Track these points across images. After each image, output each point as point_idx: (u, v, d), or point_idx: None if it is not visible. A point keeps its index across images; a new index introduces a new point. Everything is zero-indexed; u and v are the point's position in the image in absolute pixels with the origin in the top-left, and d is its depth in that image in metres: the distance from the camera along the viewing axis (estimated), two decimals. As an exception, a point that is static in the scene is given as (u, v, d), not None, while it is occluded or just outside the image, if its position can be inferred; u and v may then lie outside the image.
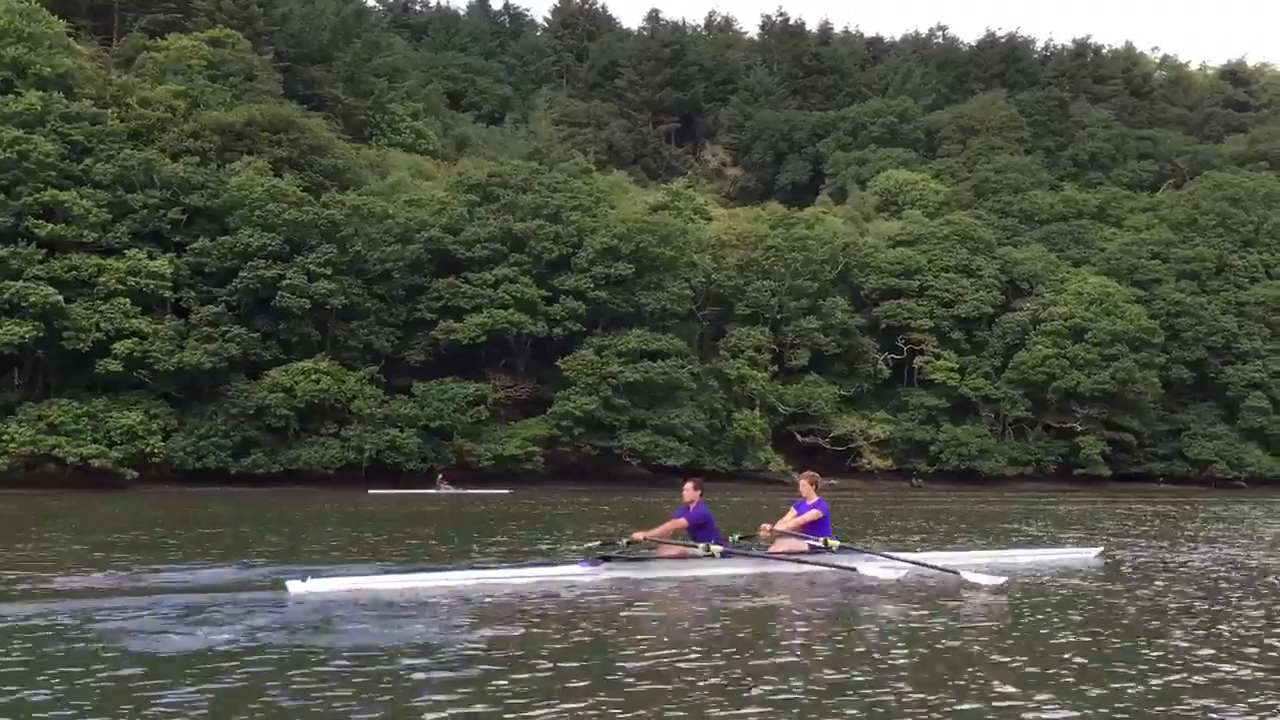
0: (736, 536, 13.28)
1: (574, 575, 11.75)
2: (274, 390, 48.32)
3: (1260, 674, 7.03)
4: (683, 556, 12.42)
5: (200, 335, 47.85)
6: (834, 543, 13.17)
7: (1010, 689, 6.42)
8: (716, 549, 12.37)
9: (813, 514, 13.37)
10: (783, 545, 13.26)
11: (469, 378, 55.73)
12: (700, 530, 12.74)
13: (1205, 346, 70.62)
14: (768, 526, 13.40)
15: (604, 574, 11.79)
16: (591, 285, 56.83)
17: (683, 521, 12.80)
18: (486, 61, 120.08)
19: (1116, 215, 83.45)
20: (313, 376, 48.98)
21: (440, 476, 45.76)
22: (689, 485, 13.10)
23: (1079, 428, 67.37)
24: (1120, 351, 66.11)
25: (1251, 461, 69.01)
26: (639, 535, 12.75)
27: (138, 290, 47.07)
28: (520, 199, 58.95)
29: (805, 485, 13.73)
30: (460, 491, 42.92)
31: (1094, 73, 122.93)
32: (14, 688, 6.15)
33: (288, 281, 48.96)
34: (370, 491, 40.87)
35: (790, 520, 13.49)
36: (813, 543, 13.05)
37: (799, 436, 66.43)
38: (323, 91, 79.91)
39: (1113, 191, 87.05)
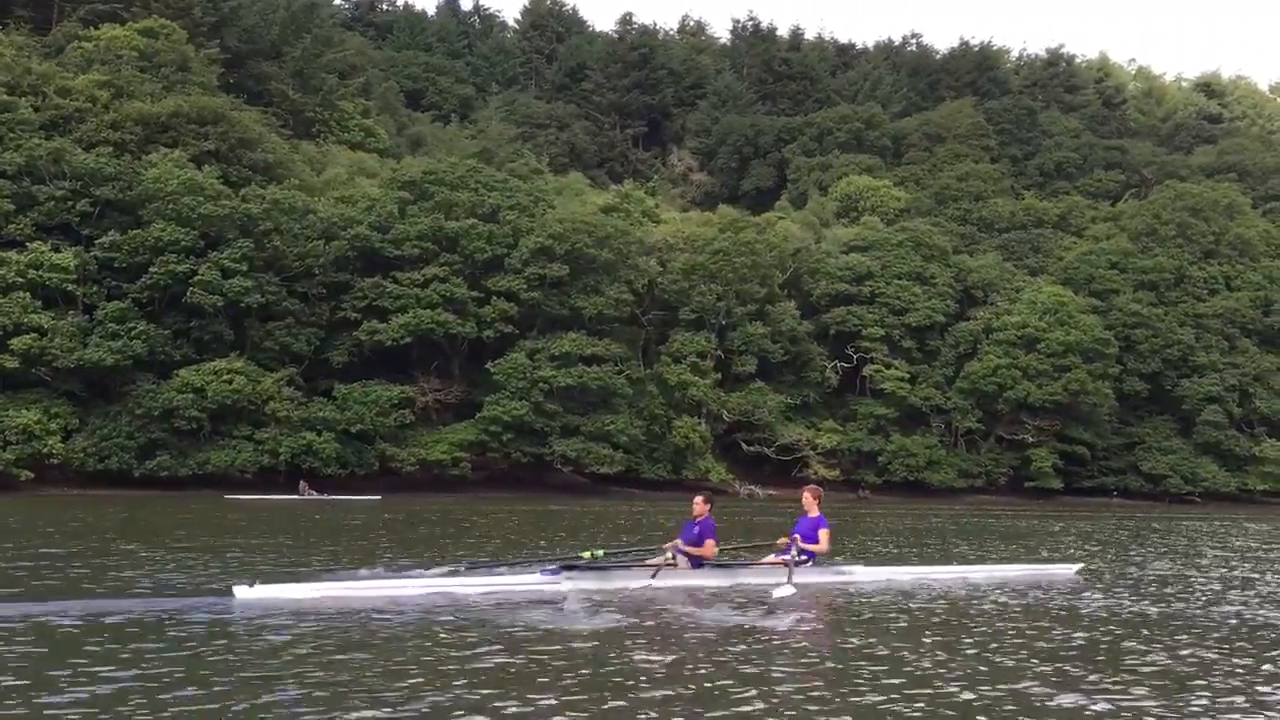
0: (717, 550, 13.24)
1: (533, 585, 11.61)
2: (183, 391, 46.45)
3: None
4: (631, 565, 12.66)
5: (105, 332, 45.97)
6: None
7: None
8: (683, 561, 12.66)
9: (825, 534, 13.38)
10: (768, 556, 13.39)
11: (399, 381, 54.04)
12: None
13: (1161, 359, 69.27)
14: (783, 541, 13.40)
15: (565, 584, 11.67)
16: (525, 287, 55.18)
17: (711, 542, 12.86)
18: (453, 62, 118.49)
19: (1078, 224, 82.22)
20: (225, 377, 47.15)
21: (302, 483, 43.75)
22: (699, 500, 13.08)
23: (1030, 440, 65.92)
24: (1072, 362, 64.68)
25: (1206, 477, 67.61)
26: (675, 546, 12.79)
27: (39, 284, 45.25)
28: (455, 197, 57.27)
29: (808, 498, 13.59)
30: (324, 498, 40.99)
31: (1066, 82, 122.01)
32: None
33: (199, 277, 47.15)
34: (228, 498, 38.91)
35: (798, 543, 13.24)
36: (785, 557, 12.98)
37: (744, 445, 64.85)
38: (272, 87, 78.20)
39: (1074, 201, 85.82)
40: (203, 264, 47.58)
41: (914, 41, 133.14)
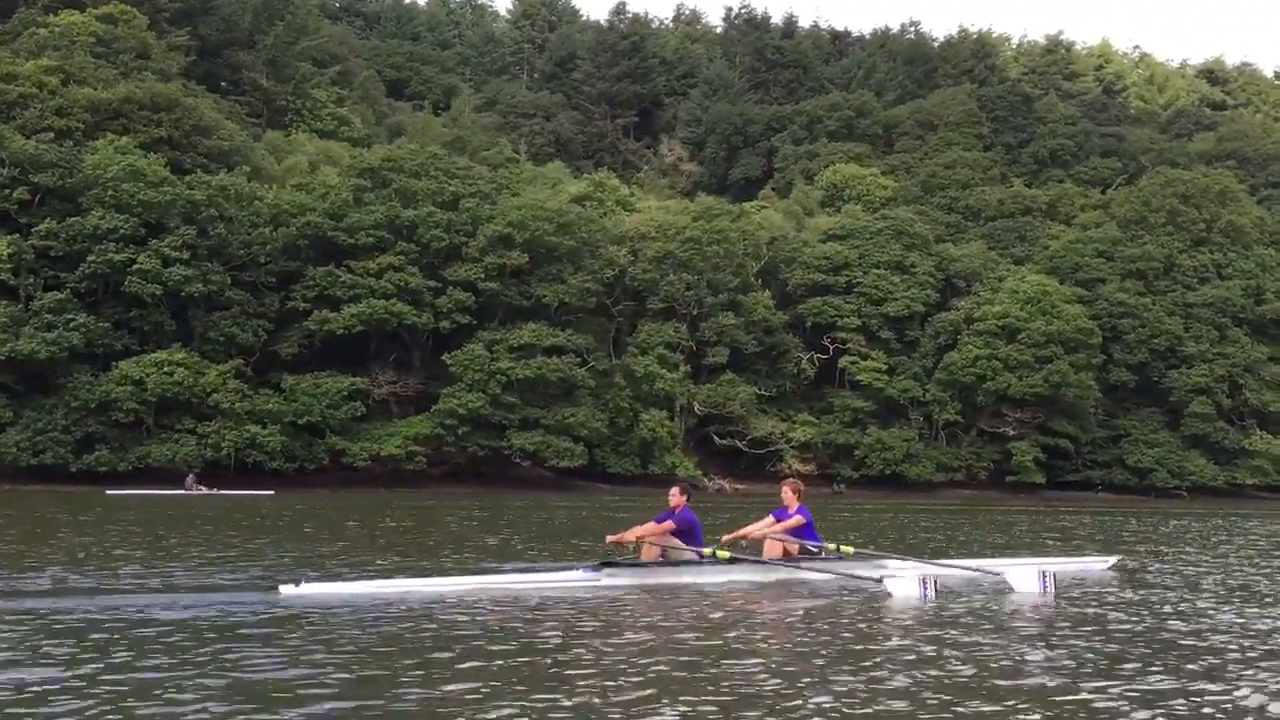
0: (710, 551, 12.64)
1: (574, 581, 11.60)
2: (122, 383, 45.24)
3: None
4: (673, 562, 12.36)
5: (40, 323, 44.79)
6: (849, 549, 13.23)
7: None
8: (724, 554, 12.27)
9: (796, 520, 13.05)
10: (775, 550, 12.96)
11: (355, 373, 52.69)
12: (685, 537, 12.52)
13: (1149, 349, 67.24)
14: (728, 536, 13.07)
15: (605, 580, 11.65)
16: (483, 276, 53.75)
17: (670, 524, 12.46)
18: (441, 52, 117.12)
19: (1067, 212, 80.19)
20: (166, 369, 45.91)
21: (191, 476, 42.22)
22: (675, 490, 12.85)
23: (1012, 432, 64.10)
24: (1054, 353, 62.77)
25: (1194, 470, 65.58)
26: (629, 535, 12.54)
27: (-30, 273, 44.11)
28: (415, 185, 55.83)
29: (787, 492, 13.45)
30: (212, 493, 39.50)
31: (1064, 69, 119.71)
32: None
33: (138, 266, 45.89)
34: (109, 492, 37.36)
35: (770, 526, 13.14)
36: (808, 546, 12.97)
37: (717, 439, 63.33)
38: (244, 76, 77.05)
39: (1064, 188, 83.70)
40: (143, 252, 46.29)
41: (912, 29, 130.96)
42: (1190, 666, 7.61)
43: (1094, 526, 29.74)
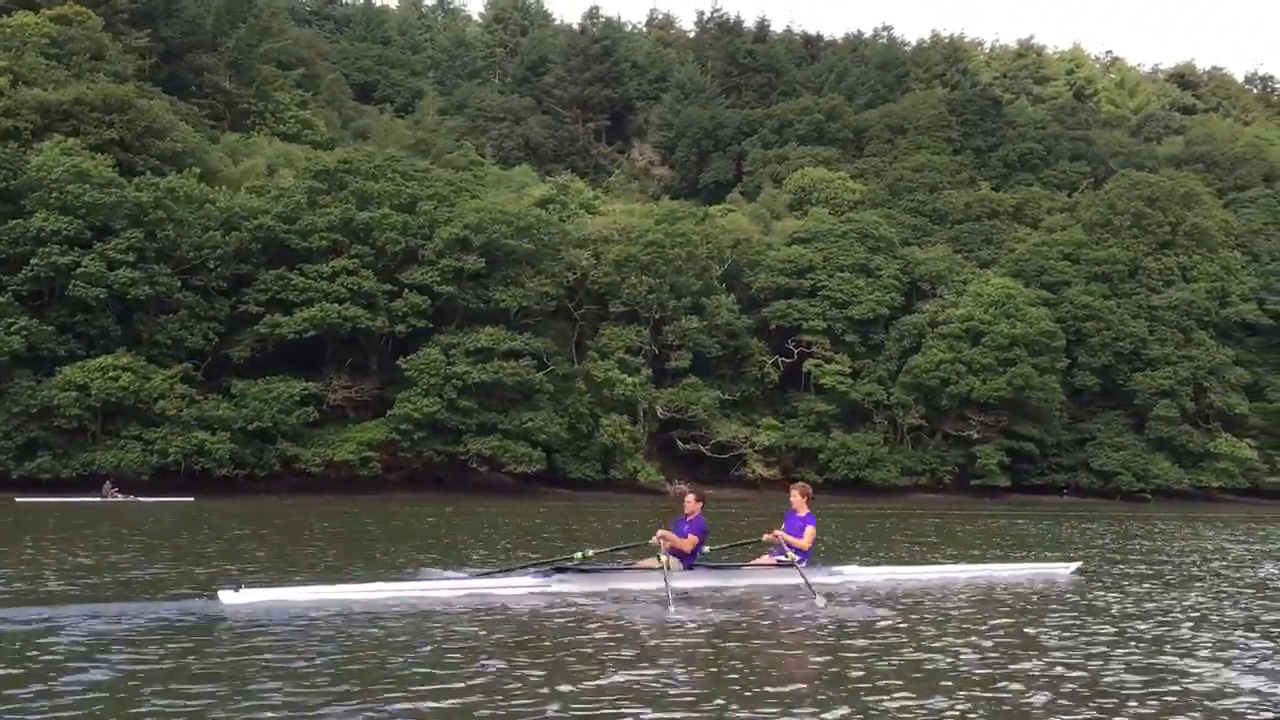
0: (708, 549, 12.81)
1: (525, 587, 11.39)
2: (65, 388, 44.33)
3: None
4: (629, 567, 12.37)
5: (-19, 327, 43.87)
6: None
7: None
8: (674, 562, 11.96)
9: (810, 532, 12.73)
10: (760, 558, 13.08)
11: (309, 377, 51.90)
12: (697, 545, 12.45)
13: (1113, 352, 67.09)
14: (776, 532, 12.82)
15: (555, 586, 11.46)
16: (439, 279, 53.07)
17: (694, 539, 12.35)
18: (412, 55, 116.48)
19: (1034, 215, 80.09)
20: (111, 374, 45.03)
21: (107, 484, 41.37)
22: (690, 497, 12.72)
23: (976, 436, 63.79)
24: (1018, 356, 62.52)
25: (1159, 473, 65.42)
26: (661, 535, 12.09)
27: (-92, 277, 43.19)
28: (371, 187, 55.14)
29: (796, 496, 13.13)
30: (129, 500, 38.65)
31: (1035, 74, 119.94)
32: None
33: (83, 269, 45.04)
34: (19, 500, 36.42)
35: (784, 536, 12.73)
36: (780, 559, 12.70)
37: (680, 443, 62.78)
38: (206, 79, 76.17)
39: (1031, 191, 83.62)
40: (88, 255, 45.45)
41: (884, 34, 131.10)
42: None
43: (1007, 534, 29.33)
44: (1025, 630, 9.50)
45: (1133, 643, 8.86)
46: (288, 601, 10.13)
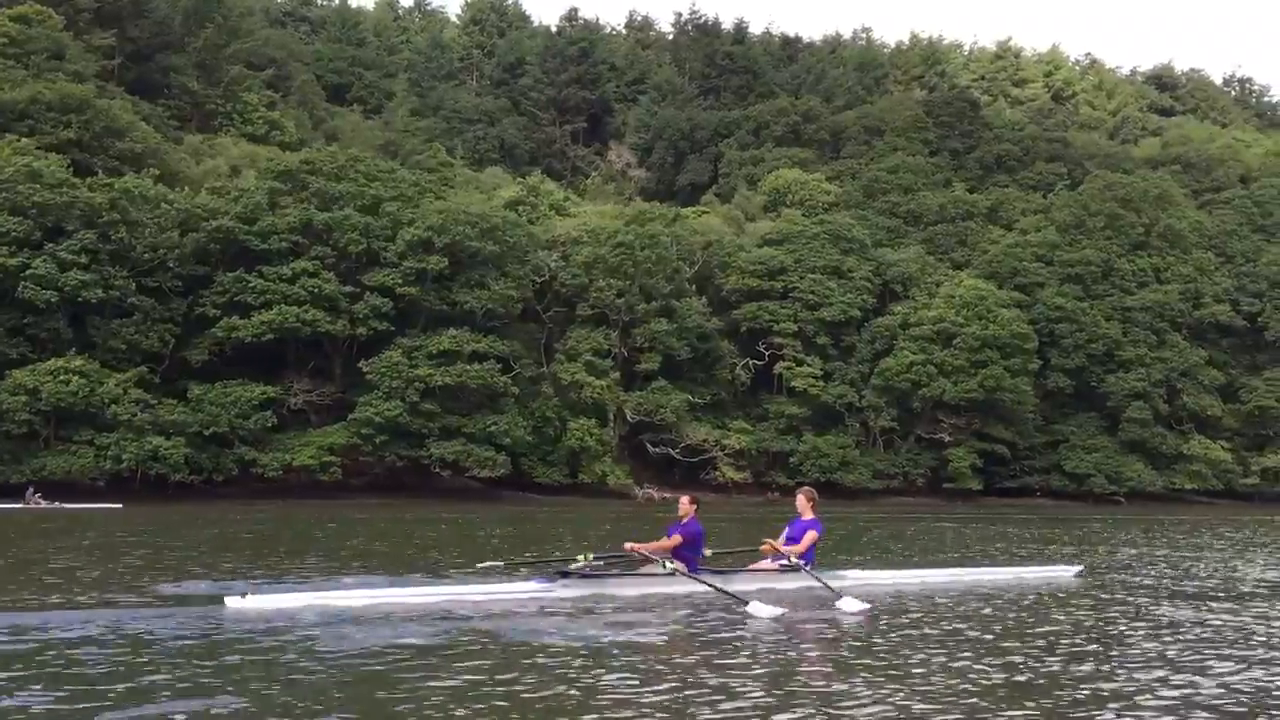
0: (709, 553, 12.69)
1: (527, 592, 11.38)
2: (15, 392, 43.43)
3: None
4: (634, 573, 12.20)
5: (-73, 330, 43.00)
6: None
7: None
8: (679, 565, 11.92)
9: (810, 536, 12.69)
10: (759, 562, 12.95)
11: (269, 381, 51.09)
12: (690, 547, 12.28)
13: (1086, 354, 66.77)
14: (771, 543, 12.86)
15: (559, 591, 11.38)
16: (401, 281, 52.34)
17: (678, 539, 12.20)
18: (387, 57, 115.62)
19: (1008, 217, 79.78)
20: (61, 377, 44.13)
21: (30, 490, 40.32)
22: (684, 499, 12.65)
23: (948, 438, 63.33)
24: (989, 357, 62.13)
25: (1131, 476, 65.09)
26: (629, 547, 12.25)
27: None
28: (333, 188, 54.38)
29: (802, 501, 13.18)
30: (53, 507, 37.72)
31: (1013, 76, 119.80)
32: None
33: (32, 271, 44.17)
34: None
35: (779, 548, 12.74)
36: (784, 563, 12.63)
37: (650, 447, 62.15)
38: (173, 79, 75.31)
39: (1005, 193, 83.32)
40: (38, 257, 44.60)
41: (863, 36, 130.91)
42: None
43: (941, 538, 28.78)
44: (1034, 630, 9.62)
45: (1139, 643, 8.96)
46: (295, 607, 10.21)
